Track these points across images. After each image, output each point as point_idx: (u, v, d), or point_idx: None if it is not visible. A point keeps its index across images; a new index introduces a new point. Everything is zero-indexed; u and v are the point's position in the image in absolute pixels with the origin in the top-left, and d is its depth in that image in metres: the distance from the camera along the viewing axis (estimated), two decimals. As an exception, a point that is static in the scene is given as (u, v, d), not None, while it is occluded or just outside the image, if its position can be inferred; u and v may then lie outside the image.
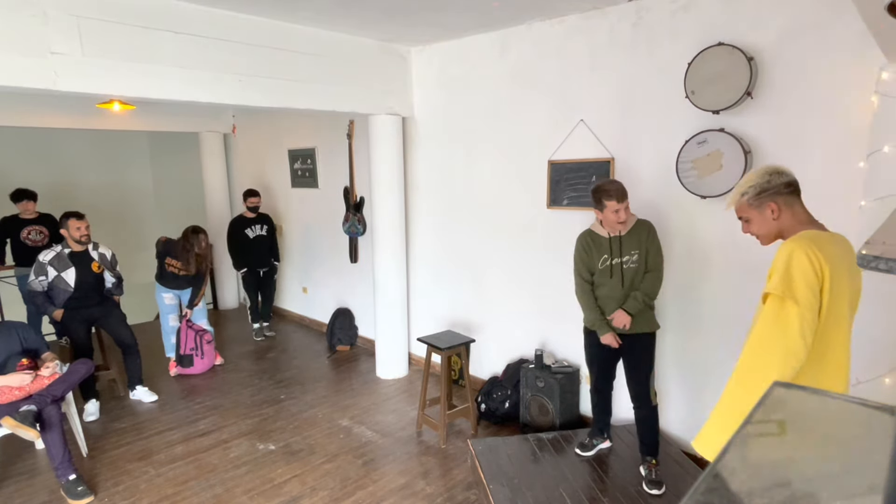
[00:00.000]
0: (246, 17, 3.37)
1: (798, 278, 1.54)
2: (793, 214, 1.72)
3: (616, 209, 2.69)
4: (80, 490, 2.99)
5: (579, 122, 3.44)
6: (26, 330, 3.44)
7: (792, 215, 1.72)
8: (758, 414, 0.71)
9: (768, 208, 1.72)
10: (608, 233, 2.82)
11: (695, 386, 3.16)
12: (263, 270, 5.81)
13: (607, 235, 2.82)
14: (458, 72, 4.11)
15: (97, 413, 4.03)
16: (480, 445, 3.20)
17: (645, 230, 2.81)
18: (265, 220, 5.75)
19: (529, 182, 3.77)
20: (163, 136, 8.17)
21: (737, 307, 2.94)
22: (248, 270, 5.71)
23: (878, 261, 0.60)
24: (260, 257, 5.72)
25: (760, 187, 1.72)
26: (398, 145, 4.41)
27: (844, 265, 1.60)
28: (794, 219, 1.71)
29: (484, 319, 4.28)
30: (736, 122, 2.78)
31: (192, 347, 4.80)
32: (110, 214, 7.95)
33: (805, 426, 0.76)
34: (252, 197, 5.63)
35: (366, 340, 5.43)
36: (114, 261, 4.20)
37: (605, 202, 2.71)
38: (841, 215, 2.53)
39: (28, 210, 5.25)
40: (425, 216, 4.61)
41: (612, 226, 2.78)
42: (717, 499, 0.55)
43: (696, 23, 2.88)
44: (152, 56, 3.02)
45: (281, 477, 3.21)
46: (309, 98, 3.75)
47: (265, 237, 5.72)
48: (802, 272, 1.54)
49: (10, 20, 2.56)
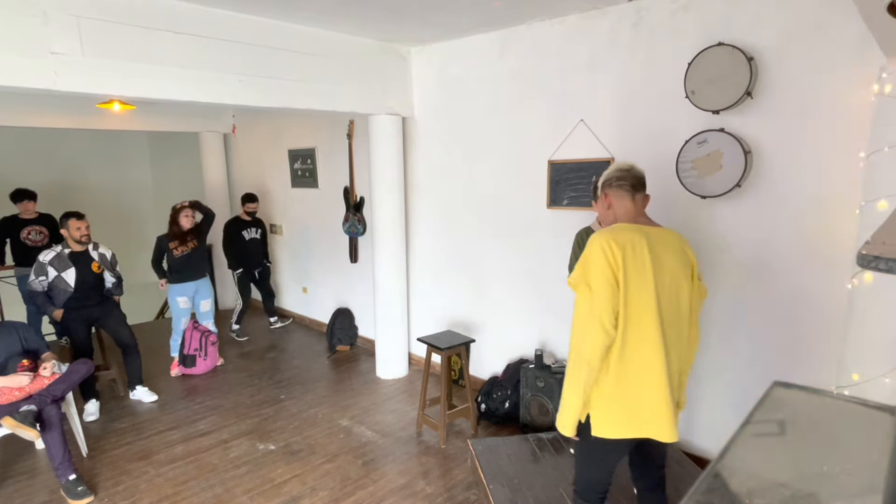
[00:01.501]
0: (246, 17, 3.37)
1: (592, 267, 1.77)
2: (622, 207, 1.93)
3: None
4: (80, 490, 2.99)
5: (579, 122, 3.45)
6: (27, 330, 3.44)
7: (622, 208, 1.93)
8: (758, 413, 0.71)
9: (604, 198, 1.97)
10: None
11: (694, 386, 3.15)
12: (258, 271, 5.98)
13: None
14: (458, 72, 4.11)
15: (97, 413, 4.03)
16: (480, 445, 3.20)
17: None
18: (259, 224, 5.93)
19: (529, 182, 3.77)
20: (163, 136, 8.17)
21: (736, 307, 2.95)
22: (245, 271, 5.84)
23: (878, 261, 0.60)
24: (255, 258, 5.88)
25: (604, 178, 1.98)
26: (398, 145, 4.41)
27: (648, 258, 1.77)
28: (622, 211, 1.93)
29: (484, 319, 4.28)
30: (736, 122, 2.78)
31: (196, 348, 4.81)
32: (110, 214, 7.95)
33: (805, 426, 0.76)
34: (250, 202, 5.80)
35: (366, 340, 5.43)
36: (114, 261, 4.20)
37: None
38: (841, 215, 2.54)
39: (28, 210, 5.25)
40: (425, 216, 4.61)
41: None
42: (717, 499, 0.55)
43: (696, 23, 2.88)
44: (152, 56, 3.02)
45: (281, 477, 3.21)
46: (309, 98, 3.75)
47: (259, 240, 5.90)
48: (596, 262, 1.77)
49: (10, 20, 2.56)
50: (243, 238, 5.75)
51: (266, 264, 6.05)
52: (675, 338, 1.85)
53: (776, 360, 2.85)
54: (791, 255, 2.74)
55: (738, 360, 2.99)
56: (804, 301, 2.72)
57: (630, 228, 1.84)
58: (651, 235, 1.84)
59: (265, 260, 6.02)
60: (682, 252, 1.88)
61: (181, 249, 4.73)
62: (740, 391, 2.99)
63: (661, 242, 1.84)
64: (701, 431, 3.17)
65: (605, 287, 1.74)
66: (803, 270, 2.70)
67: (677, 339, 1.86)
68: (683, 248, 1.89)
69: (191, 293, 4.86)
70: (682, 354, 1.90)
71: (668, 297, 1.82)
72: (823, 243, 2.62)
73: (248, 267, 5.85)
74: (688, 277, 1.87)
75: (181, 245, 4.73)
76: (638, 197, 1.94)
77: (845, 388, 2.31)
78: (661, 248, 1.83)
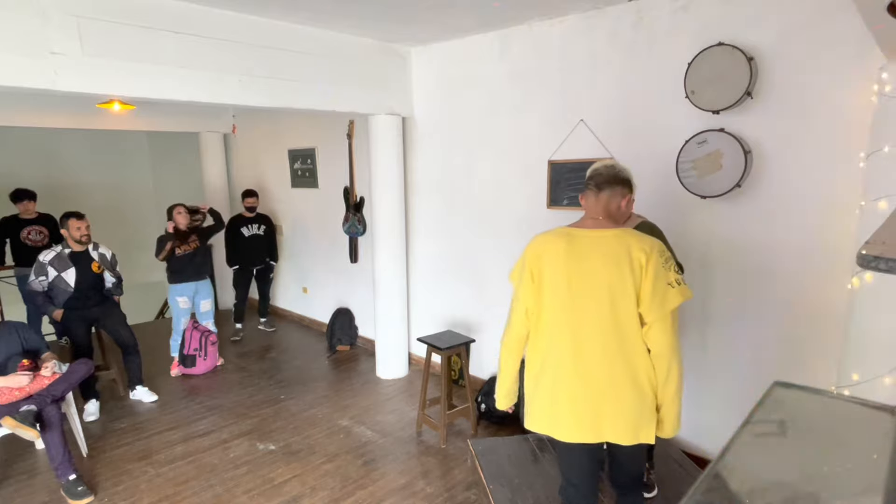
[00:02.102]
0: (246, 16, 3.37)
1: (518, 265, 1.99)
2: (586, 206, 1.96)
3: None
4: (80, 490, 2.99)
5: (579, 122, 3.45)
6: (27, 330, 3.44)
7: (586, 206, 1.96)
8: (758, 413, 0.71)
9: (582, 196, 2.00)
10: None
11: (694, 386, 3.15)
12: (258, 269, 5.88)
13: None
14: (458, 72, 4.11)
15: (97, 413, 4.02)
16: (480, 445, 3.20)
17: (647, 232, 2.77)
18: (263, 220, 5.84)
19: (529, 182, 3.77)
20: (163, 136, 8.16)
21: (736, 307, 2.95)
22: (241, 268, 5.77)
23: (878, 261, 0.60)
24: (254, 256, 5.79)
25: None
26: (398, 145, 4.41)
27: (563, 262, 1.86)
28: (586, 209, 1.96)
29: (484, 319, 4.28)
30: (736, 122, 2.78)
31: (196, 348, 4.81)
32: (110, 214, 7.94)
33: (805, 426, 0.76)
34: (249, 197, 5.73)
35: (366, 340, 5.43)
36: (114, 261, 4.20)
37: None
38: (841, 215, 2.54)
39: (28, 210, 5.25)
40: (425, 216, 4.61)
41: None
42: (717, 499, 0.55)
43: (696, 23, 2.88)
44: (152, 56, 3.02)
45: (281, 477, 3.21)
46: (309, 98, 3.75)
47: (261, 237, 5.79)
48: (522, 260, 1.96)
49: (10, 20, 2.56)
50: (242, 234, 5.69)
51: (269, 262, 5.94)
52: (604, 343, 1.80)
53: (776, 360, 2.85)
54: (791, 255, 2.74)
55: (738, 360, 2.99)
56: (804, 301, 2.72)
57: (557, 233, 1.93)
58: (578, 239, 1.86)
59: (268, 258, 5.92)
60: (625, 257, 1.79)
61: (183, 248, 4.74)
62: (740, 391, 2.99)
63: (592, 247, 1.84)
64: (701, 431, 3.17)
65: (518, 286, 1.97)
66: (803, 270, 2.70)
67: (610, 345, 1.80)
68: (630, 254, 1.78)
69: (191, 293, 4.87)
70: (626, 360, 1.80)
71: (590, 302, 1.82)
72: (823, 243, 2.62)
73: (246, 264, 5.77)
74: (628, 282, 1.77)
75: (183, 244, 4.74)
76: (602, 195, 1.89)
77: (845, 388, 2.31)
78: (589, 252, 1.83)
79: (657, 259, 1.79)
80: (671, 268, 1.82)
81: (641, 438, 1.84)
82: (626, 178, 1.93)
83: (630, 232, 1.87)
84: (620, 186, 1.90)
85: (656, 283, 1.77)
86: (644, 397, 1.82)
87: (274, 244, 5.97)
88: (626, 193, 1.93)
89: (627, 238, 1.83)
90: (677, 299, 1.79)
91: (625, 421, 1.83)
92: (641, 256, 1.78)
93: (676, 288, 1.80)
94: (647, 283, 1.77)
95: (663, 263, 1.80)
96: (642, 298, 1.78)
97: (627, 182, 1.93)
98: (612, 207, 1.91)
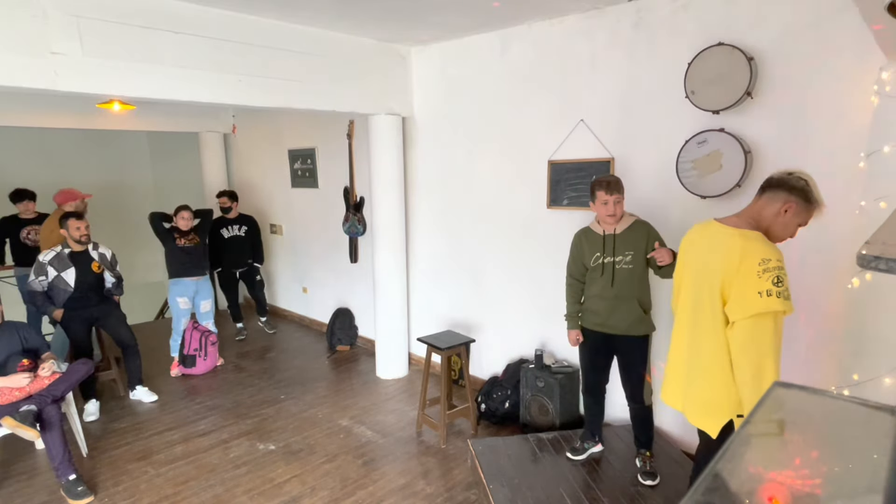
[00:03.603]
0: (246, 17, 3.37)
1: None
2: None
3: (605, 201, 2.70)
4: (79, 490, 2.99)
5: (579, 122, 3.44)
6: (27, 330, 3.44)
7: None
8: (758, 413, 0.71)
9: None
10: (603, 231, 2.82)
11: (695, 386, 3.15)
12: (240, 271, 5.76)
13: (602, 233, 2.82)
14: (458, 72, 4.11)
15: (97, 413, 4.03)
16: (480, 445, 3.20)
17: (644, 232, 2.77)
18: (245, 221, 5.73)
19: (529, 182, 3.77)
20: (163, 136, 8.16)
21: (737, 307, 2.94)
22: (222, 270, 5.69)
23: (878, 261, 0.60)
24: (234, 257, 5.67)
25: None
26: (398, 145, 4.41)
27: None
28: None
29: (484, 319, 4.28)
30: (736, 122, 2.78)
31: (196, 348, 4.81)
32: (110, 214, 7.94)
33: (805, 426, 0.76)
34: (220, 197, 5.64)
35: (366, 340, 5.43)
36: (114, 261, 4.20)
37: (596, 192, 2.73)
38: (841, 215, 2.53)
39: (28, 210, 5.25)
40: (425, 216, 4.61)
41: (603, 219, 2.80)
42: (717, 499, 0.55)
43: (696, 23, 2.88)
44: (152, 56, 3.02)
45: (281, 477, 3.21)
46: (309, 98, 3.75)
47: (242, 238, 5.67)
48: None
49: (10, 20, 2.56)
50: (221, 236, 5.58)
51: (252, 264, 5.80)
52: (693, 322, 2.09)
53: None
54: (791, 255, 2.73)
55: (738, 360, 2.98)
56: (804, 301, 2.72)
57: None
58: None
59: (251, 260, 5.76)
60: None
61: (183, 241, 4.77)
62: (740, 391, 2.98)
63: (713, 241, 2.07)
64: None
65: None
66: (803, 270, 2.70)
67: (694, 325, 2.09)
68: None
69: (191, 293, 4.87)
70: (694, 341, 2.09)
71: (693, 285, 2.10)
72: (823, 243, 2.62)
73: (227, 266, 5.67)
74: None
75: (183, 237, 4.77)
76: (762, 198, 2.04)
77: (845, 388, 2.31)
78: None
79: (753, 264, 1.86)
80: (769, 278, 1.82)
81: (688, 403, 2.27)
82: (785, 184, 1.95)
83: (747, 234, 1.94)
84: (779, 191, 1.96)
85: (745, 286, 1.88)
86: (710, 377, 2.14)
87: (258, 245, 5.82)
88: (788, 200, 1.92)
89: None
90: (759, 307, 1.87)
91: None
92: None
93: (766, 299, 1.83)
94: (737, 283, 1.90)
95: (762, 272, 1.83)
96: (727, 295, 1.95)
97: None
98: (762, 211, 1.97)
